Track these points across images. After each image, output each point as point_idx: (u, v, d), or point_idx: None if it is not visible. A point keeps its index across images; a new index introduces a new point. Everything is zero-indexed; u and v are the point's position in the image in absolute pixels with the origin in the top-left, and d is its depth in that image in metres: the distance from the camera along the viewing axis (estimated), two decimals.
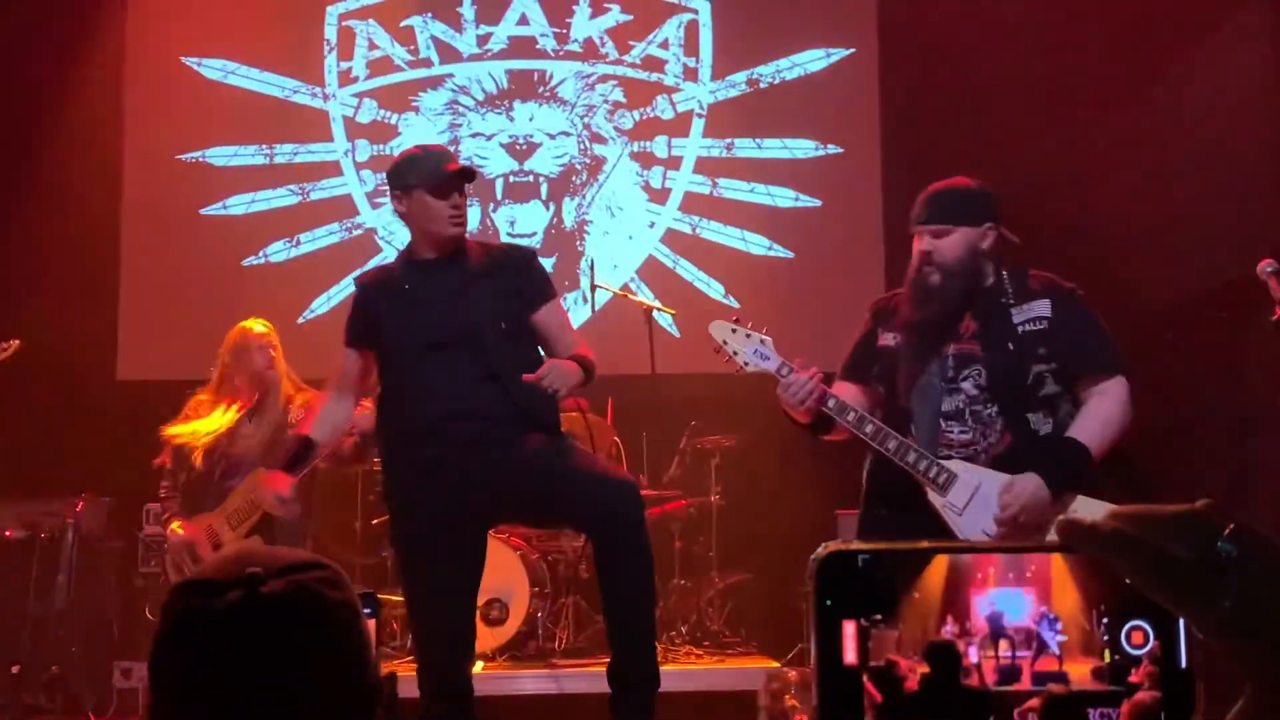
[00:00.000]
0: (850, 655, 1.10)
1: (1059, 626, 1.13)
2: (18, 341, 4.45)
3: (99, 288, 7.78)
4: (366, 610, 1.40)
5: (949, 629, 1.12)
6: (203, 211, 7.84)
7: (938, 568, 1.12)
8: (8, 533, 6.97)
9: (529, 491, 3.73)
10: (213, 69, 7.92)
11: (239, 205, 7.87)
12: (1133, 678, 1.13)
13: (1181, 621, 1.12)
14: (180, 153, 7.87)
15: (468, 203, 3.97)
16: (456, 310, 3.80)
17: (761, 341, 3.62)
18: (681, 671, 5.81)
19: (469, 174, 3.98)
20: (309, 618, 1.32)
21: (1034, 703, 1.13)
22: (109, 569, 6.89)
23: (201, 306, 7.46)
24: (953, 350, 3.55)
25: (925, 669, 1.11)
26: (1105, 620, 1.13)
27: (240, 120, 7.92)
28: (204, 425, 5.23)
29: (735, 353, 3.61)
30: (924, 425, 3.51)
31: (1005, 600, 1.13)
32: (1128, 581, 1.00)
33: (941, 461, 3.44)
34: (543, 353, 3.90)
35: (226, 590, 1.31)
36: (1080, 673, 1.13)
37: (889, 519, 3.57)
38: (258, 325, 5.41)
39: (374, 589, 5.49)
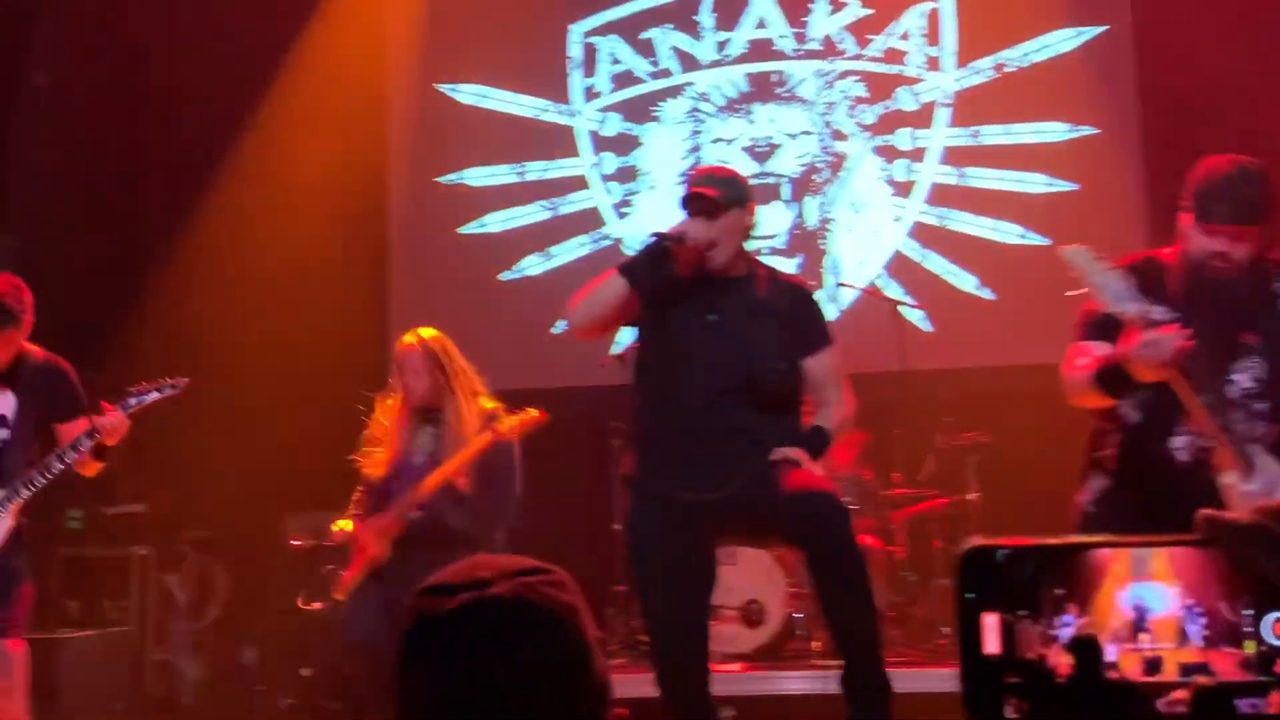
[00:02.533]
0: (991, 646, 1.09)
1: (1202, 619, 1.10)
2: (187, 380, 4.72)
3: (371, 309, 8.23)
4: None
5: (1091, 622, 1.10)
6: (461, 230, 8.21)
7: (1080, 562, 1.11)
8: (296, 542, 7.46)
9: (746, 506, 3.71)
10: (467, 94, 8.29)
11: (494, 223, 8.19)
12: (1278, 668, 1.08)
13: None
14: (439, 175, 8.26)
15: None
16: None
17: (1122, 279, 3.25)
18: (948, 673, 5.54)
19: (689, 202, 3.88)
20: (534, 618, 1.39)
21: (1180, 694, 1.10)
22: None
23: (463, 320, 7.71)
24: (1233, 341, 3.40)
25: (1070, 662, 1.10)
26: (1248, 612, 1.09)
27: (494, 141, 8.25)
28: (382, 433, 5.31)
29: (1100, 286, 3.22)
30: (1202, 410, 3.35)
31: (1148, 593, 1.10)
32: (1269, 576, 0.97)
33: (1248, 447, 3.30)
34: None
35: (458, 591, 1.40)
36: (1225, 664, 1.09)
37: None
38: (421, 334, 5.31)
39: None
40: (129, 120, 8.71)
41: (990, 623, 1.10)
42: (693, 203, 3.84)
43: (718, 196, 3.82)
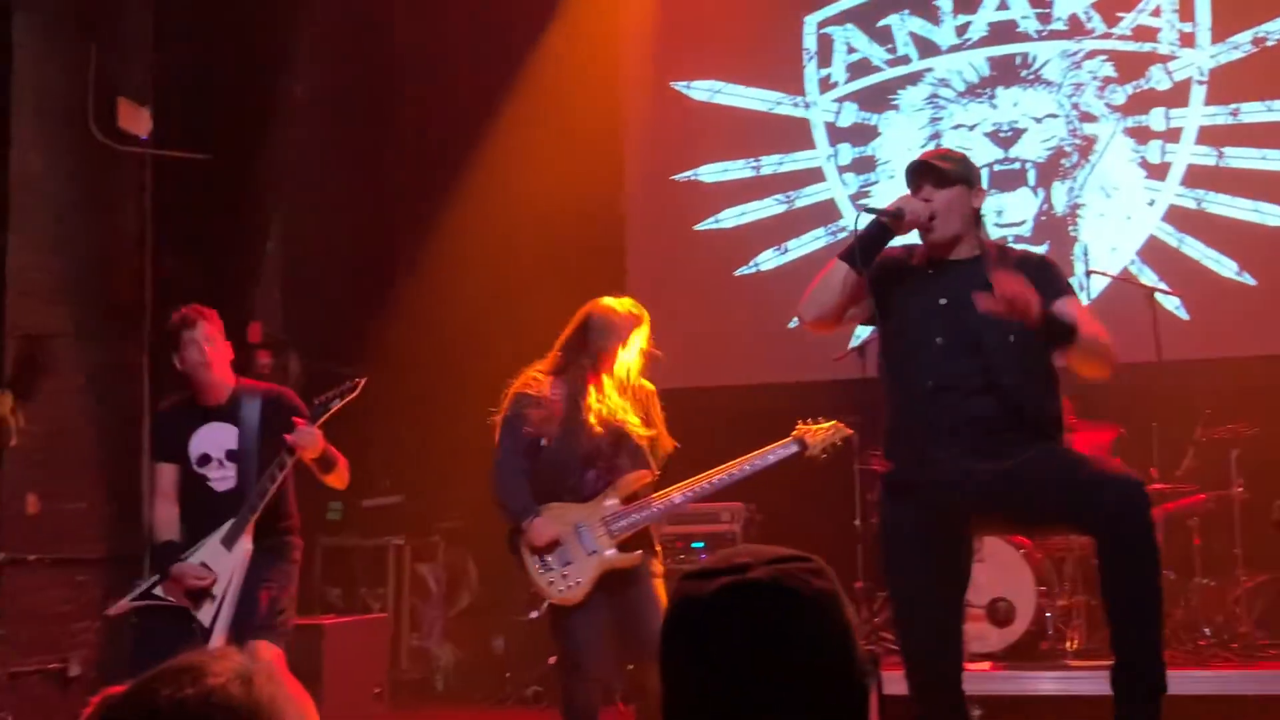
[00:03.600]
0: None
1: None
2: (361, 380, 4.80)
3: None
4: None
5: None
6: (696, 227, 8.28)
7: None
8: None
9: (1019, 495, 3.61)
10: (700, 90, 8.37)
11: (729, 218, 8.24)
12: None
13: None
14: (674, 173, 8.37)
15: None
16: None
17: None
18: (1209, 676, 5.57)
19: (913, 173, 3.81)
20: (791, 602, 1.41)
21: None
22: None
23: (700, 318, 7.88)
24: None
25: None
26: None
27: (728, 136, 8.30)
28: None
29: None
30: None
31: None
32: None
33: None
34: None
35: (718, 576, 1.44)
36: None
37: None
38: (608, 300, 4.75)
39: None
40: (379, 128, 9.11)
41: None
42: (916, 173, 3.79)
43: (944, 168, 3.75)
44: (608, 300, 4.69)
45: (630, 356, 4.65)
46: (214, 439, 4.75)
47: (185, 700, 1.30)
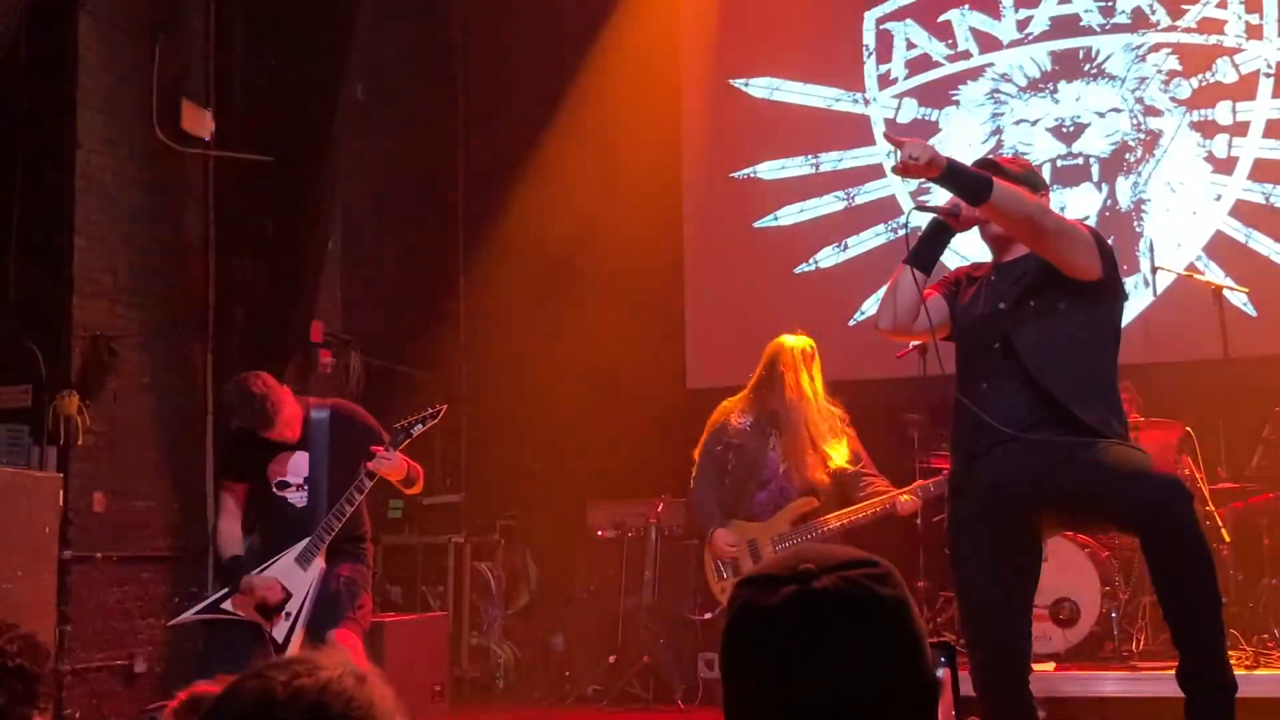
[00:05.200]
0: None
1: None
2: (444, 407, 4.93)
3: (668, 306, 8.46)
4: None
5: None
6: (755, 224, 8.29)
7: None
8: (600, 532, 7.72)
9: (1066, 491, 3.63)
10: (759, 88, 8.38)
11: (789, 215, 8.24)
12: None
13: None
14: (732, 170, 8.38)
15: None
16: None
17: None
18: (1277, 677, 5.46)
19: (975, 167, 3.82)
20: (858, 612, 1.38)
21: None
22: (689, 565, 7.38)
23: (759, 315, 7.84)
24: None
25: None
26: None
27: (786, 133, 8.30)
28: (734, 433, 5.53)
29: None
30: None
31: None
32: None
33: None
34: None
35: (781, 585, 1.40)
36: None
37: None
38: (789, 340, 5.58)
39: None
40: (440, 128, 9.21)
41: None
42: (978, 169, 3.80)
43: (1005, 165, 3.76)
44: (788, 339, 5.55)
45: (809, 388, 5.43)
46: (291, 468, 4.92)
47: (302, 689, 1.32)
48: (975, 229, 3.83)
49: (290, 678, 1.34)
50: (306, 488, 4.88)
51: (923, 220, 3.79)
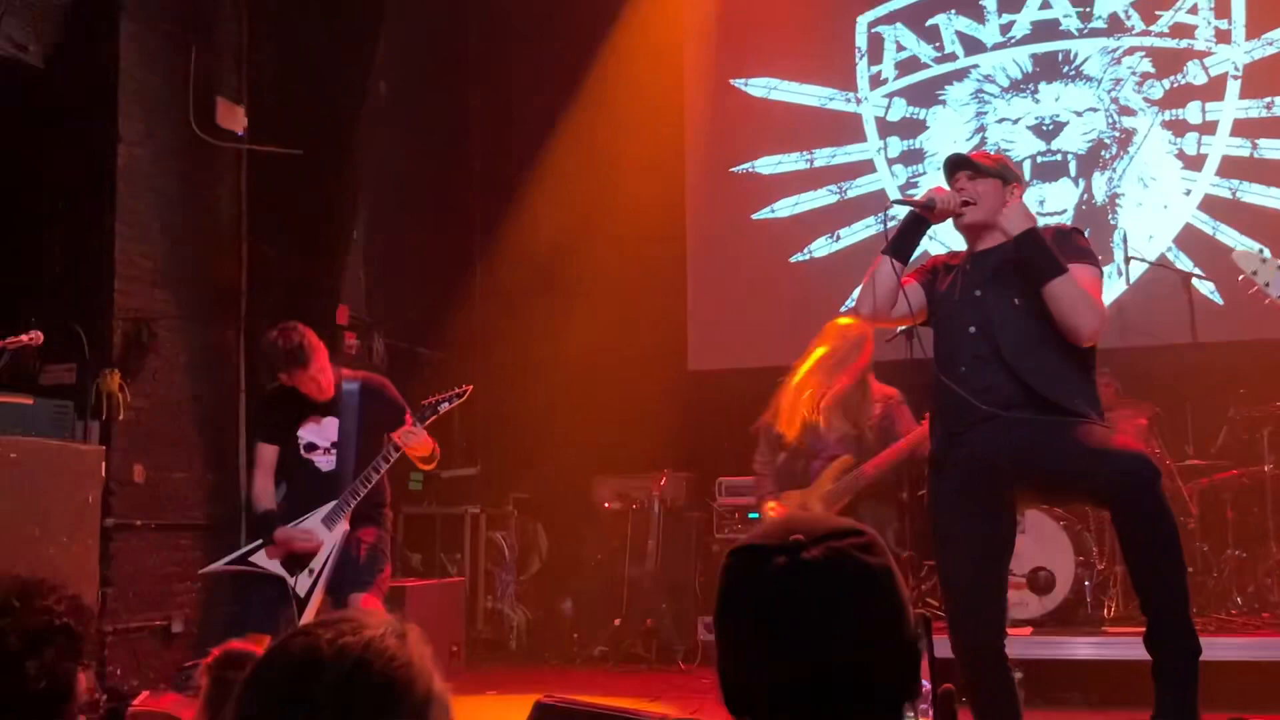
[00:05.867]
0: None
1: None
2: (469, 387, 5.01)
3: (671, 293, 8.67)
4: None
5: None
6: (754, 216, 8.55)
7: None
8: (606, 504, 7.98)
9: (1042, 468, 3.72)
10: (758, 87, 8.63)
11: (785, 208, 8.50)
12: None
13: None
14: (732, 165, 8.64)
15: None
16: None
17: None
18: (1240, 642, 5.62)
19: (949, 164, 3.99)
20: (846, 581, 1.42)
21: None
22: (690, 535, 7.67)
23: (756, 302, 8.16)
24: None
25: None
26: None
27: (783, 131, 8.53)
28: (796, 409, 5.56)
29: (1266, 283, 3.50)
30: None
31: None
32: None
33: None
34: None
35: (772, 555, 1.44)
36: None
37: None
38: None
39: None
40: (457, 124, 9.39)
41: None
42: (953, 165, 3.96)
43: (978, 161, 3.93)
44: (842, 321, 5.61)
45: (863, 366, 5.54)
46: (320, 431, 5.04)
47: (346, 646, 1.33)
48: (949, 220, 3.93)
49: (336, 635, 1.35)
50: (334, 452, 4.97)
51: (901, 213, 3.94)
